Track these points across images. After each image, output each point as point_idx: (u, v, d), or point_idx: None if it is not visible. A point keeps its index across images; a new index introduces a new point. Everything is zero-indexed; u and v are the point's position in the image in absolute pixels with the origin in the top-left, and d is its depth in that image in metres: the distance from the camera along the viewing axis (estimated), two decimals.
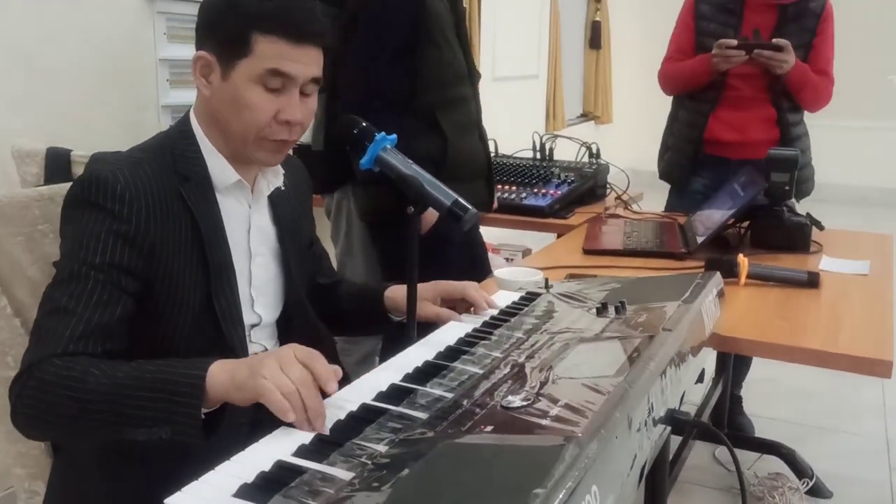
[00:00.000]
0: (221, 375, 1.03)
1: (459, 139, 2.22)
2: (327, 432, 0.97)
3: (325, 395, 1.01)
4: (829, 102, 2.81)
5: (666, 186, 2.97)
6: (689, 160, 2.79)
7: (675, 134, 2.86)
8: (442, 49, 2.17)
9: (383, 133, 1.34)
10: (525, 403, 0.97)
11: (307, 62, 1.24)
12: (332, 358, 1.53)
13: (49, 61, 2.19)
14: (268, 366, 1.01)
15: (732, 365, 2.77)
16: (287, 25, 1.20)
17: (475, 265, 2.38)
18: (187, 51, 2.55)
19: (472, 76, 2.33)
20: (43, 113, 2.18)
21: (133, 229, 1.18)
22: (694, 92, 2.77)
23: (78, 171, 1.86)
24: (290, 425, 0.98)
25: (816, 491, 2.48)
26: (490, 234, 4.07)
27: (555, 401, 0.97)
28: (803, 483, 2.45)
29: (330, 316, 1.55)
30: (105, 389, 1.05)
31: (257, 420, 1.08)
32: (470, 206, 1.31)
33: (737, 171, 2.70)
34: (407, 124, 1.89)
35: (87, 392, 1.05)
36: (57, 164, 1.88)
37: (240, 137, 1.26)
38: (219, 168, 1.30)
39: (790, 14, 2.66)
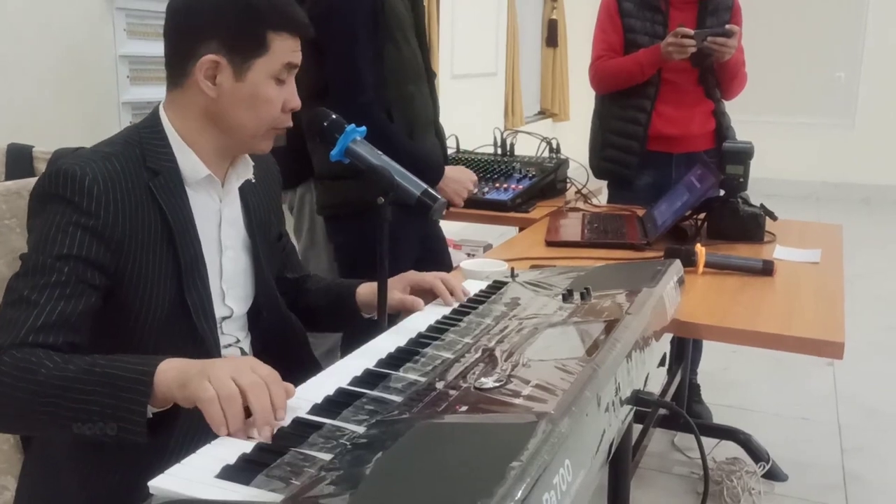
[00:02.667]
0: (171, 373, 1.02)
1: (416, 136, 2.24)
2: (269, 441, 0.93)
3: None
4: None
5: None
6: (635, 157, 2.82)
7: (615, 131, 2.86)
8: (401, 47, 2.19)
9: (353, 125, 1.36)
10: (498, 384, 1.00)
11: (300, 52, 1.33)
12: (304, 349, 1.55)
13: (8, 58, 2.16)
14: (218, 369, 0.99)
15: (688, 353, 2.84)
16: (293, 21, 1.29)
17: (434, 259, 2.40)
18: (147, 47, 2.55)
19: (430, 75, 2.36)
20: (2, 109, 2.15)
21: (101, 224, 1.18)
22: (629, 89, 2.79)
23: (40, 167, 1.84)
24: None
25: (772, 474, 2.55)
26: (451, 230, 4.11)
27: (526, 381, 1.00)
28: (760, 467, 2.53)
29: (298, 311, 1.56)
30: (56, 382, 1.04)
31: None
32: (439, 196, 1.34)
33: (680, 166, 2.78)
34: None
35: (38, 384, 1.04)
36: (18, 160, 1.86)
37: (251, 132, 1.31)
38: (189, 163, 1.30)
39: (709, 8, 2.75)
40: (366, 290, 1.54)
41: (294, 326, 1.52)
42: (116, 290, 1.22)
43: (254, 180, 1.42)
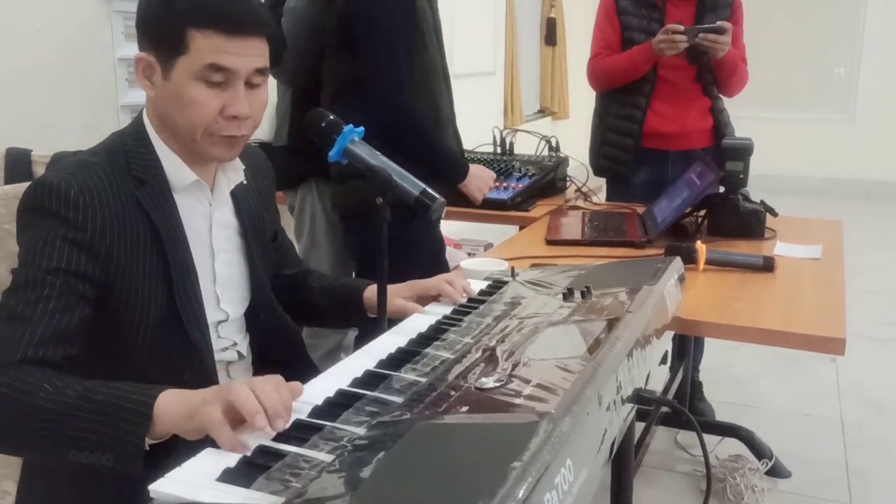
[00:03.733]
0: (172, 405, 1.00)
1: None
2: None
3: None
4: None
5: None
6: (630, 154, 2.82)
7: (612, 129, 2.86)
8: (427, 45, 2.20)
9: (351, 125, 1.35)
10: (498, 384, 0.99)
11: (247, 54, 1.22)
12: (300, 350, 1.55)
13: (6, 61, 2.16)
14: (224, 391, 0.97)
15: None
16: (221, 18, 1.18)
17: (437, 261, 2.40)
18: None
19: (447, 74, 2.36)
20: (0, 113, 2.15)
21: (88, 236, 1.17)
22: (625, 86, 2.79)
23: (39, 171, 1.84)
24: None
25: (775, 471, 2.55)
26: (451, 229, 4.11)
27: (527, 381, 1.00)
28: (763, 464, 2.52)
29: (299, 307, 1.56)
30: (53, 407, 1.02)
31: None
32: (438, 196, 1.34)
33: (676, 163, 2.77)
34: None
35: (36, 408, 1.03)
36: (17, 164, 1.86)
37: (188, 135, 1.24)
38: (175, 169, 1.28)
39: (708, 5, 2.73)
40: (372, 293, 1.52)
41: (290, 328, 1.52)
42: (107, 301, 1.21)
43: (245, 182, 1.40)
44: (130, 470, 1.00)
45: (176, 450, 1.03)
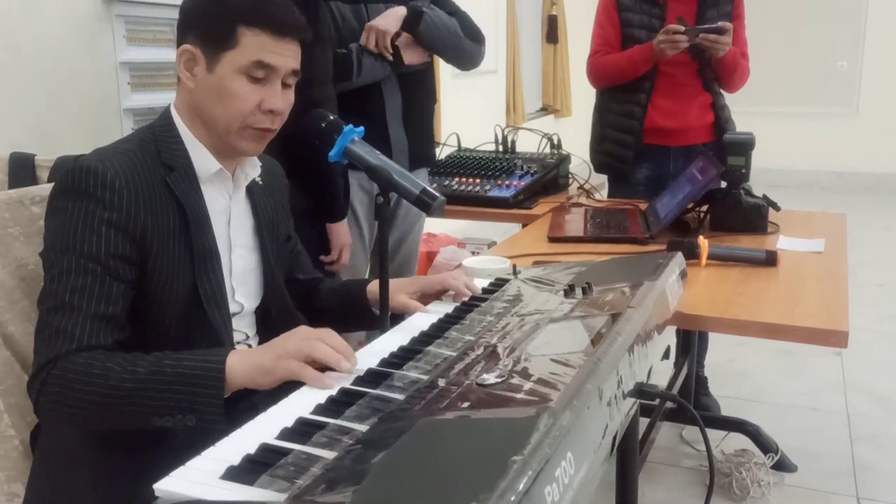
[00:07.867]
0: (240, 365, 1.13)
1: None
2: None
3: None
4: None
5: None
6: (631, 150, 2.81)
7: (612, 126, 2.85)
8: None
9: (351, 125, 1.36)
10: (499, 380, 1.00)
11: (288, 55, 1.31)
12: None
13: (6, 67, 2.17)
14: (290, 346, 1.14)
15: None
16: (271, 19, 1.28)
17: None
18: (148, 54, 2.56)
19: None
20: (3, 119, 2.16)
21: (124, 217, 1.22)
22: (626, 83, 2.78)
23: (42, 175, 1.85)
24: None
25: (782, 465, 2.55)
26: (454, 228, 4.12)
27: (528, 376, 1.00)
28: (769, 458, 2.52)
29: (310, 313, 1.57)
30: (128, 384, 1.11)
31: (233, 412, 1.11)
32: (438, 194, 1.35)
33: (678, 158, 2.77)
34: None
35: (110, 388, 1.11)
36: (21, 169, 1.87)
37: (224, 127, 1.31)
38: (201, 158, 1.34)
39: (709, 1, 2.72)
40: (375, 287, 1.54)
41: (302, 325, 1.53)
42: (140, 282, 1.26)
43: (261, 182, 1.46)
44: (214, 425, 1.10)
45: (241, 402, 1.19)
